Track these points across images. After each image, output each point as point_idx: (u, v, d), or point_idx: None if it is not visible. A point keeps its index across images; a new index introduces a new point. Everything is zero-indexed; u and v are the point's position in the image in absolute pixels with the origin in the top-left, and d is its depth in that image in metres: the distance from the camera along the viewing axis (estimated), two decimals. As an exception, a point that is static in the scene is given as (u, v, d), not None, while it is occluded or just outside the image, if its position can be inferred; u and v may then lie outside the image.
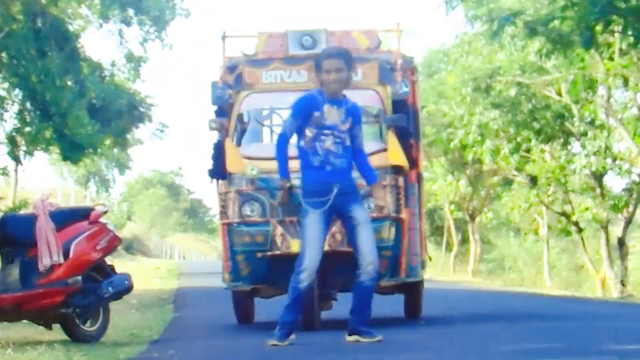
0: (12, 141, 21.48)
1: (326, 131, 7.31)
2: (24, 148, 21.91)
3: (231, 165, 9.44)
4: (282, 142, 7.47)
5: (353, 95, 7.74)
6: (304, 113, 7.38)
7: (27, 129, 21.29)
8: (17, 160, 22.18)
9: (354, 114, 7.42)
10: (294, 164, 7.57)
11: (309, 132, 7.34)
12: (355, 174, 7.50)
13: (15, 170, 28.91)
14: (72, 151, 20.94)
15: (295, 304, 7.29)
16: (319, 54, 7.65)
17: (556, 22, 17.11)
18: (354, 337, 7.27)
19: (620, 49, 21.66)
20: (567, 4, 16.06)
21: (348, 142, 7.36)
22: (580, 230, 28.32)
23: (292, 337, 7.30)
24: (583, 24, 16.01)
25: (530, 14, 18.06)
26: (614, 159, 24.87)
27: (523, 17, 17.95)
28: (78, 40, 22.69)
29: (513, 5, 18.88)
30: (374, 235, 7.36)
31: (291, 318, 7.29)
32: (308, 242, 7.25)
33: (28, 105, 20.83)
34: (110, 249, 8.42)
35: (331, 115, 7.33)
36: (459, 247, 38.17)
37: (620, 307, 14.83)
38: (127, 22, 24.97)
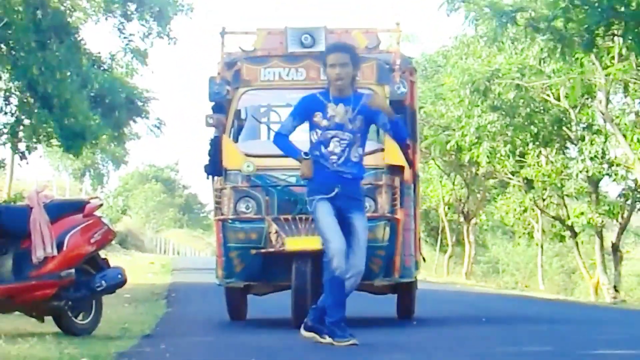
0: (13, 133, 21.47)
1: (331, 132, 7.13)
2: (25, 141, 21.90)
3: (227, 161, 9.44)
4: (279, 138, 7.35)
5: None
6: (304, 113, 7.26)
7: (27, 121, 21.29)
8: (20, 154, 22.13)
9: (364, 111, 7.14)
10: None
11: (313, 137, 7.19)
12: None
13: (12, 163, 28.91)
14: (74, 142, 20.96)
15: (339, 296, 7.03)
16: (325, 49, 7.50)
17: (558, 23, 17.11)
18: (310, 334, 7.13)
19: (620, 54, 21.68)
20: (567, 5, 16.06)
21: (358, 141, 7.14)
22: (574, 234, 28.34)
23: (354, 340, 6.98)
24: (584, 27, 16.02)
25: (533, 12, 18.05)
26: (610, 165, 24.90)
27: (525, 14, 17.95)
28: (78, 32, 22.70)
29: (515, 3, 18.85)
30: (366, 243, 7.17)
31: (341, 314, 7.05)
32: (326, 231, 7.07)
33: (28, 97, 20.83)
34: (104, 243, 8.41)
35: (336, 114, 7.15)
36: (454, 248, 38.20)
37: (613, 312, 14.84)
38: (127, 17, 24.97)
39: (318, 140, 7.17)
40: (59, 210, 8.17)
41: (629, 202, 26.50)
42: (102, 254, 8.64)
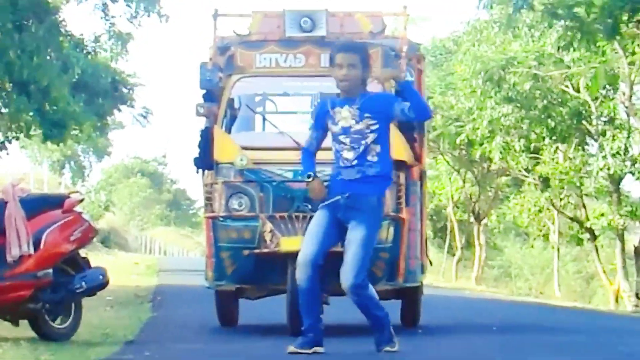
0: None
1: (340, 137, 7.13)
2: (1, 131, 21.92)
3: (219, 154, 9.44)
4: (304, 155, 7.36)
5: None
6: (319, 122, 7.30)
7: (4, 109, 21.29)
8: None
9: (375, 106, 7.11)
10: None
11: (334, 147, 7.20)
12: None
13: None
14: (54, 130, 20.96)
15: (303, 305, 7.13)
16: (334, 47, 7.41)
17: (579, 10, 17.13)
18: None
19: (645, 43, 21.71)
20: None
21: (372, 140, 7.09)
22: (594, 237, 28.38)
23: (318, 349, 7.07)
24: (607, 12, 16.04)
25: None
26: (634, 162, 24.91)
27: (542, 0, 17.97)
28: (59, 13, 22.68)
29: None
30: (358, 254, 7.06)
31: (305, 323, 7.12)
32: (305, 238, 7.18)
33: (5, 82, 20.82)
34: (84, 241, 8.41)
35: (342, 117, 7.14)
36: (463, 251, 38.25)
37: (635, 322, 14.86)
38: (113, -3, 24.94)
39: (335, 150, 7.20)
40: (36, 206, 8.18)
41: (653, 202, 26.56)
42: (83, 253, 8.65)
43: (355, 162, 7.10)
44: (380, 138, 7.17)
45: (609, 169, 24.42)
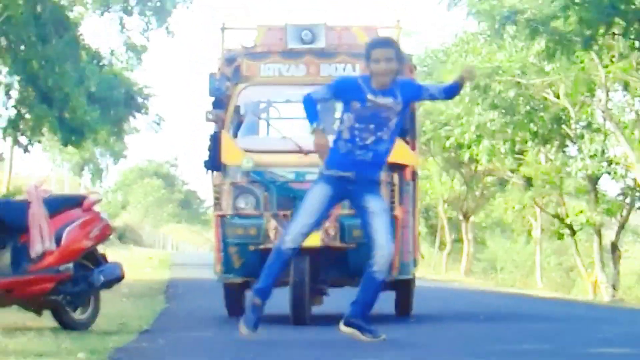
0: (15, 127, 21.49)
1: (361, 124, 6.97)
2: (26, 135, 21.93)
3: (226, 157, 9.45)
4: (308, 99, 7.09)
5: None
6: (339, 92, 7.09)
7: (28, 115, 21.31)
8: (23, 147, 22.15)
9: (403, 93, 7.01)
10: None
11: (347, 119, 7.02)
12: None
13: (11, 157, 28.91)
14: (73, 136, 20.99)
15: (272, 265, 7.00)
16: (369, 43, 7.29)
17: (558, 22, 17.11)
18: (349, 330, 6.98)
19: (620, 53, 21.68)
20: (567, 3, 16.06)
21: (391, 128, 6.98)
22: (573, 233, 28.35)
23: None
24: (584, 24, 16.02)
25: (533, 13, 18.06)
26: (610, 163, 24.90)
27: (525, 15, 17.96)
28: (77, 27, 22.70)
29: (515, 4, 18.88)
30: (388, 223, 6.98)
31: (263, 284, 6.99)
32: (302, 209, 7.03)
33: (29, 91, 20.84)
34: (102, 238, 8.40)
35: (376, 103, 6.97)
36: (452, 246, 38.19)
37: (611, 311, 14.85)
38: (127, 12, 24.97)
39: (351, 126, 7.01)
40: (57, 205, 8.17)
41: (628, 200, 26.50)
42: (101, 248, 8.64)
43: (371, 146, 7.00)
44: (399, 123, 7.10)
45: (587, 169, 24.42)
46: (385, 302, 10.96)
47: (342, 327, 7.03)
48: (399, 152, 9.23)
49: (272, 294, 7.13)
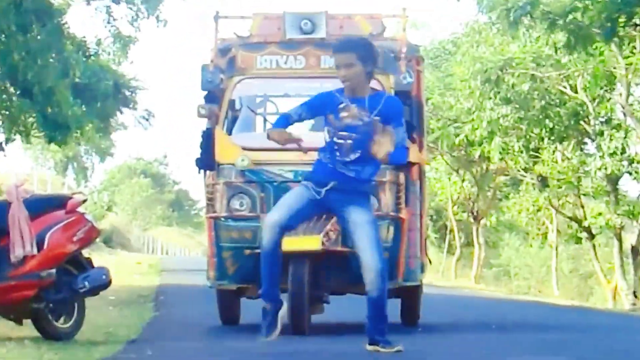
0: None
1: (342, 133, 6.91)
2: (3, 132, 21.91)
3: (220, 155, 9.45)
4: (280, 118, 7.23)
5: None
6: (315, 108, 7.09)
7: (6, 112, 21.28)
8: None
9: (384, 109, 6.91)
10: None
11: (327, 133, 7.01)
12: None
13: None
14: (57, 133, 20.96)
15: (263, 268, 7.22)
16: (332, 47, 7.29)
17: (576, 14, 17.14)
18: (373, 347, 6.99)
19: (642, 44, 21.70)
20: None
21: (371, 144, 6.86)
22: (591, 236, 28.37)
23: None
24: (605, 15, 16.05)
25: (549, 4, 18.07)
26: (631, 162, 24.91)
27: (541, 7, 17.98)
28: (62, 16, 22.68)
29: None
30: (375, 236, 6.95)
31: (263, 287, 7.27)
32: (278, 204, 7.16)
33: (8, 85, 20.81)
34: (87, 241, 8.41)
35: (350, 114, 6.90)
36: (462, 250, 38.21)
37: (632, 320, 14.86)
38: (115, 0, 24.97)
39: (331, 141, 6.98)
40: (39, 206, 8.17)
41: (650, 201, 26.54)
42: (86, 253, 8.64)
43: (352, 165, 6.96)
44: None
45: (606, 168, 24.41)
46: (391, 310, 10.97)
47: (367, 346, 7.07)
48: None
49: (280, 296, 7.28)
